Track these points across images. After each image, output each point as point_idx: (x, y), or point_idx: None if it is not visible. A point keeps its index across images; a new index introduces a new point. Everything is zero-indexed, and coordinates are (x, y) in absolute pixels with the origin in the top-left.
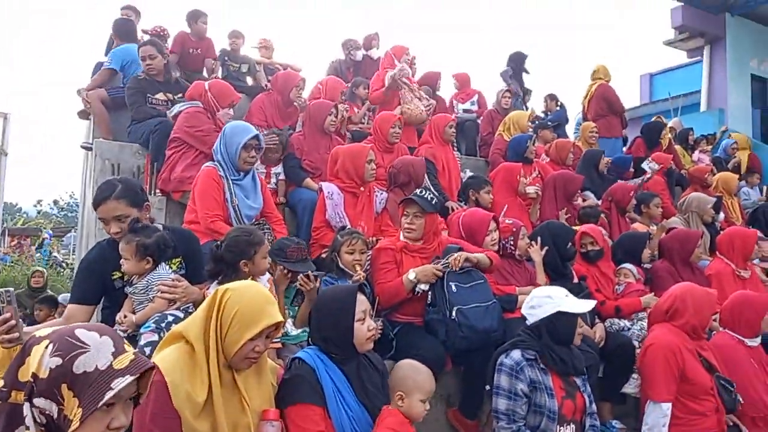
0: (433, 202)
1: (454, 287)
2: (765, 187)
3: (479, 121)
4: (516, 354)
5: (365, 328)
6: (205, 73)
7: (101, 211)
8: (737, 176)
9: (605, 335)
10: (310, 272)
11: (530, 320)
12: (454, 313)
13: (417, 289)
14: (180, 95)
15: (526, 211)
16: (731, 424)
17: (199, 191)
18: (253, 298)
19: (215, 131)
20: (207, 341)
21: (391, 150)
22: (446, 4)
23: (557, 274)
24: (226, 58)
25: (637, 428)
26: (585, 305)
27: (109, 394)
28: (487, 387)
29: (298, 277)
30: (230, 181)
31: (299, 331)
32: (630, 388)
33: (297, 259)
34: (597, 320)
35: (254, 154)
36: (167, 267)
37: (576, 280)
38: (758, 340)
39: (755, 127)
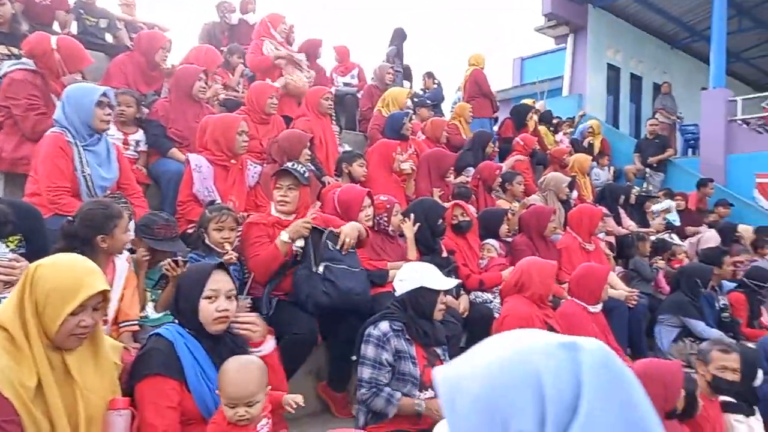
0: (306, 175)
1: (331, 245)
2: (613, 168)
3: (359, 96)
4: (384, 325)
5: (213, 308)
6: (57, 27)
7: None
8: (590, 158)
9: (469, 306)
10: (179, 257)
11: (398, 293)
12: (321, 268)
13: (295, 248)
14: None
15: (402, 187)
16: None
17: (43, 160)
18: (70, 269)
19: (35, 108)
20: (24, 323)
21: (267, 121)
22: None
23: (428, 249)
24: (81, 11)
25: None
26: (447, 283)
27: None
28: (354, 358)
29: (166, 261)
30: (80, 148)
31: (161, 314)
32: None
33: (165, 238)
34: (462, 292)
35: (109, 111)
36: (4, 245)
37: (445, 254)
38: (599, 306)
39: (608, 112)
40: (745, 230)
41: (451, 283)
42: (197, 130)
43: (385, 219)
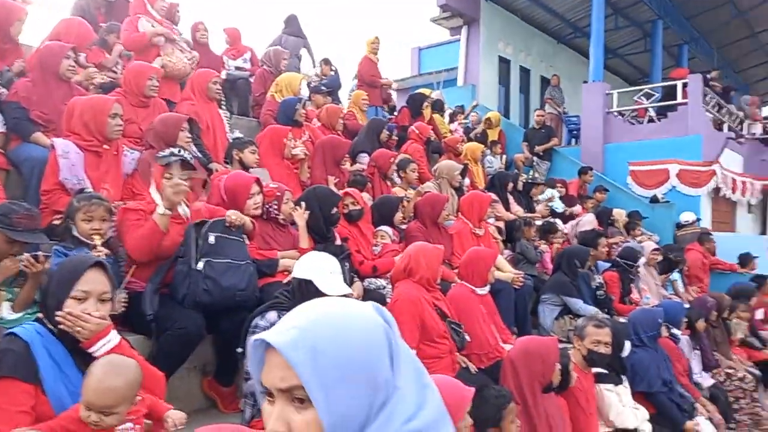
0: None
1: (212, 238)
2: (505, 157)
3: (252, 80)
4: (272, 315)
5: (79, 309)
6: None
7: None
8: (482, 146)
9: (363, 293)
10: (40, 252)
11: (291, 276)
12: (201, 264)
13: (182, 212)
14: None
15: (295, 174)
16: (464, 365)
17: None
18: None
19: None
20: None
21: (147, 104)
22: None
23: (321, 238)
24: None
25: None
26: (336, 289)
27: None
28: (239, 350)
29: (24, 256)
30: None
31: (20, 314)
32: None
33: (26, 229)
34: (356, 279)
35: None
36: None
37: (339, 242)
38: (487, 288)
39: (500, 103)
40: (619, 214)
41: (341, 290)
42: (64, 113)
43: (275, 207)
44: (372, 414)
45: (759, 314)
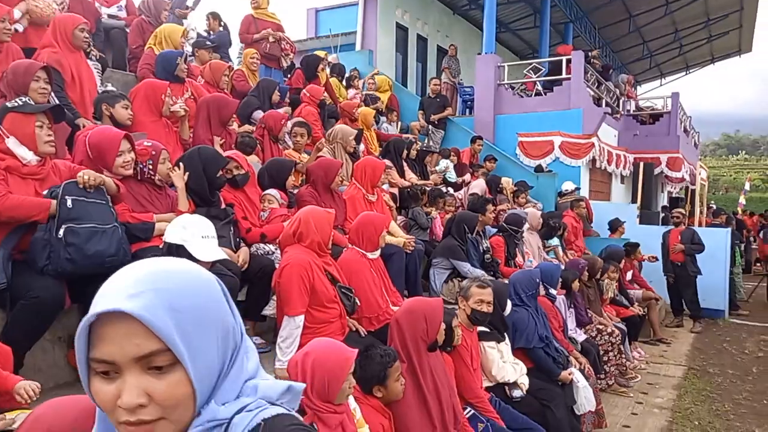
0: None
1: (69, 202)
2: (401, 123)
3: (128, 30)
4: None
5: None
6: None
7: None
8: (374, 111)
9: (249, 259)
10: None
11: (163, 240)
12: (62, 232)
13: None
14: None
15: (175, 133)
16: (354, 329)
17: None
18: None
19: None
20: None
21: None
22: None
23: (203, 201)
24: None
25: (275, 341)
26: (209, 254)
27: None
28: None
29: None
30: None
31: None
32: (269, 310)
33: None
34: (242, 245)
35: None
36: None
37: (223, 206)
38: (377, 253)
39: (398, 71)
40: (507, 182)
41: (215, 255)
42: None
43: (151, 167)
44: (227, 362)
45: (628, 276)
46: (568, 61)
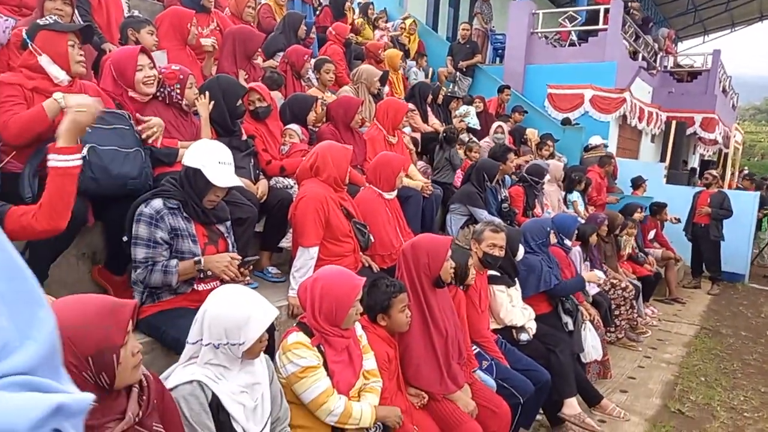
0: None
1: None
2: (431, 69)
3: None
4: (157, 203)
5: None
6: None
7: None
8: (401, 53)
9: (267, 191)
10: None
11: (182, 164)
12: (85, 150)
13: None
14: None
15: (198, 64)
16: (367, 264)
17: None
18: None
19: None
20: None
21: None
22: None
23: (225, 131)
24: None
25: (290, 272)
26: (226, 180)
27: None
28: (125, 238)
29: None
30: None
31: None
32: (286, 242)
33: None
34: (261, 177)
35: None
36: None
37: (244, 137)
38: (394, 193)
39: (429, 15)
40: (532, 133)
41: (231, 182)
42: None
43: (178, 91)
44: None
45: (651, 235)
46: (606, 11)
